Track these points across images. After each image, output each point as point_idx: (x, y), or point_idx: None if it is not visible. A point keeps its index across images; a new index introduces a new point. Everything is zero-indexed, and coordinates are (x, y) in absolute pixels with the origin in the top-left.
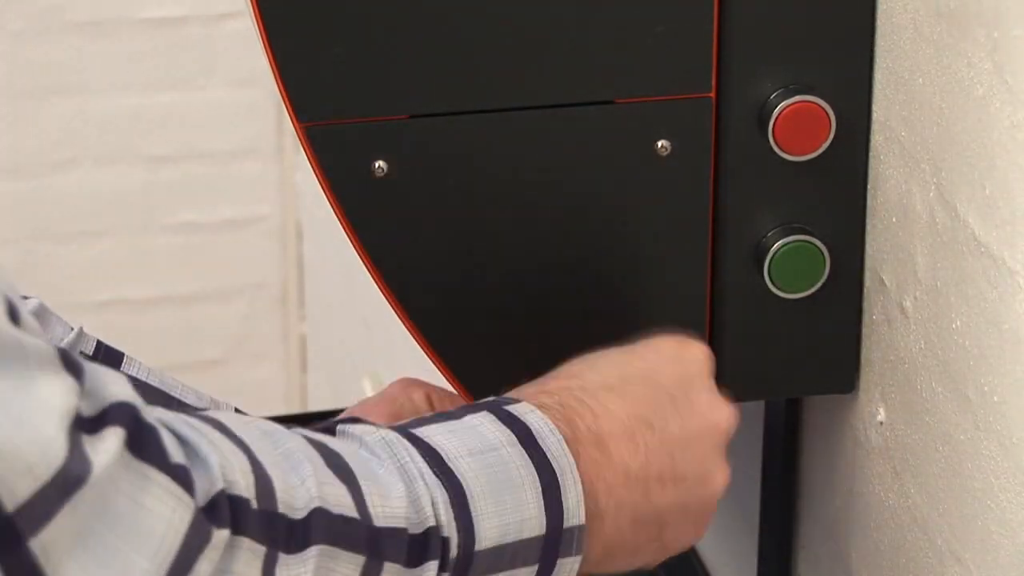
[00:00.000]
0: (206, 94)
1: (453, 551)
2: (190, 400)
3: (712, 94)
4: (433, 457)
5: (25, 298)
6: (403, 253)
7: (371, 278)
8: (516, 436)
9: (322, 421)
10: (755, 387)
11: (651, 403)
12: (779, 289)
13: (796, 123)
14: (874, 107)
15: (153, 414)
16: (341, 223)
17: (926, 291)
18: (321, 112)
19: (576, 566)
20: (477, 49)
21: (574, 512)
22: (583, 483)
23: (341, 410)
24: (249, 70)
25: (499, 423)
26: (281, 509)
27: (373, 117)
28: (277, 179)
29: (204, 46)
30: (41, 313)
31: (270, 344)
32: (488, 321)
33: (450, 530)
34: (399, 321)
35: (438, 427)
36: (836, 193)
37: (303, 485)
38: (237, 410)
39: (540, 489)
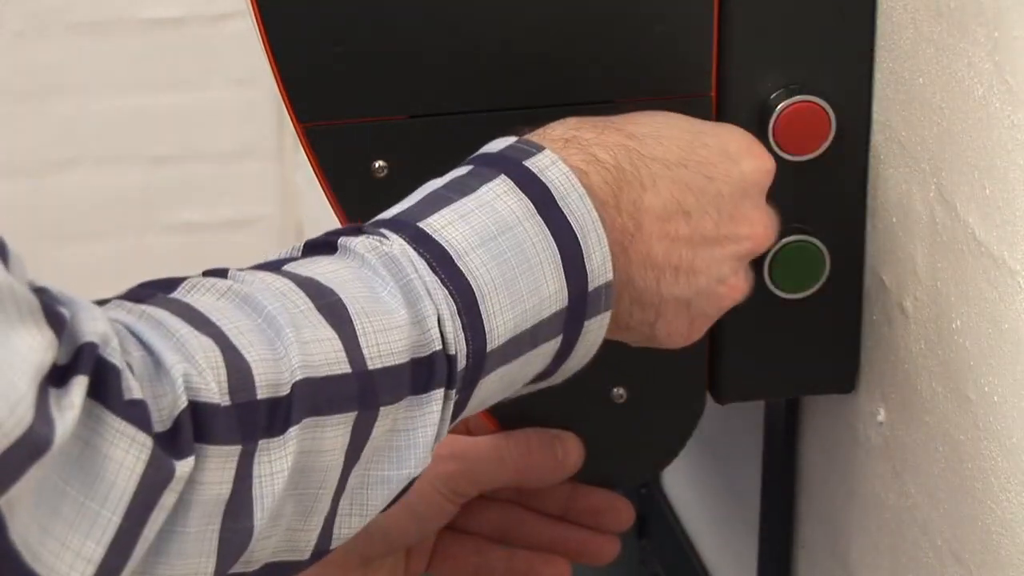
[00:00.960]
0: (206, 94)
1: (461, 363)
2: None
3: (712, 94)
4: (442, 259)
5: None
6: None
7: None
8: (534, 203)
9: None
10: (755, 387)
11: (698, 195)
12: (779, 289)
13: (796, 123)
14: (874, 107)
15: (121, 319)
16: (341, 223)
17: (926, 291)
18: (321, 112)
19: (606, 321)
20: (477, 49)
21: (600, 272)
22: (608, 243)
23: None
24: (249, 70)
25: (516, 190)
26: (261, 395)
27: (373, 117)
28: (277, 179)
29: (204, 46)
30: None
31: None
32: None
33: (458, 344)
34: None
35: (451, 212)
36: (836, 193)
37: (285, 356)
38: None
39: (560, 261)
